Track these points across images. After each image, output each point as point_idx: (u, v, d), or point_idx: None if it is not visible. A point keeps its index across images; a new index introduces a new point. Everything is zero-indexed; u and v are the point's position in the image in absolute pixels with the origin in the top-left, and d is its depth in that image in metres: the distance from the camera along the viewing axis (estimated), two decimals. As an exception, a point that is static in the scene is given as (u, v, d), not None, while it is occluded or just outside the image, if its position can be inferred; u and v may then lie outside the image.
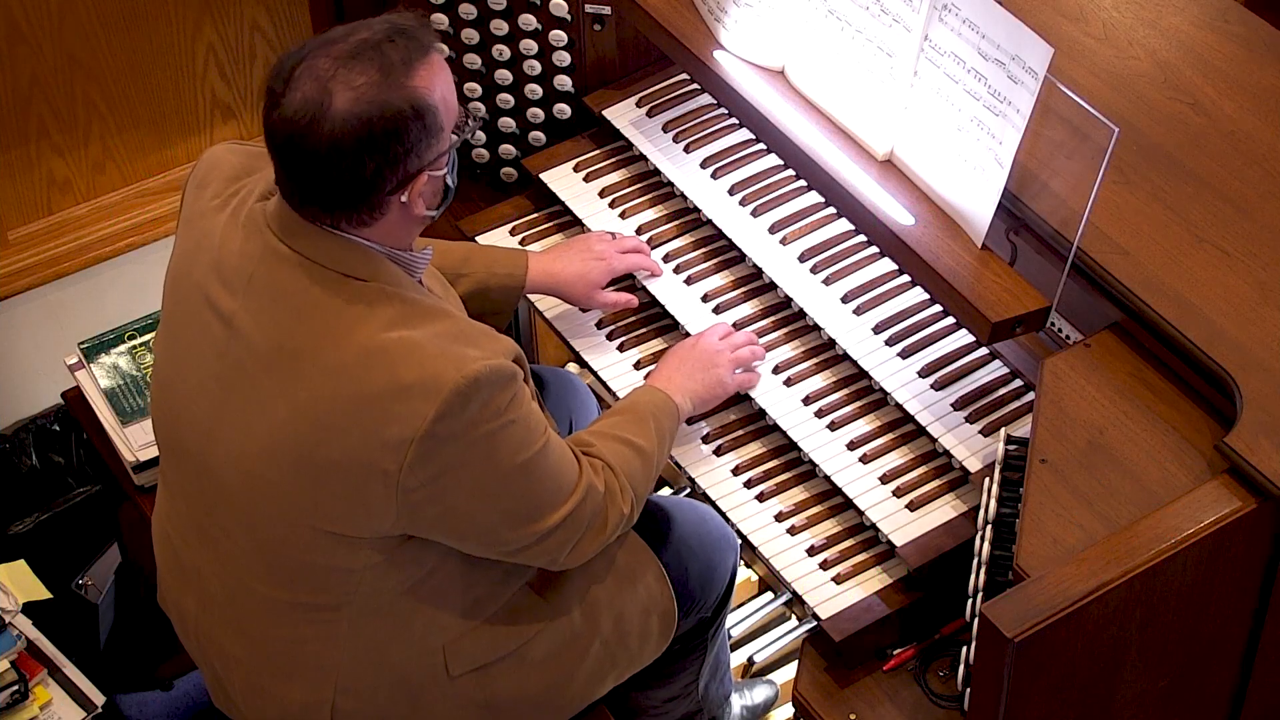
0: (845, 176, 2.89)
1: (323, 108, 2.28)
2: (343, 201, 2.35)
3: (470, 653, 2.60)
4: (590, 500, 2.53)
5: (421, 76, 2.33)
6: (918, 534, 2.73)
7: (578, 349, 3.11)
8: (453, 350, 2.34)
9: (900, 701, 2.68)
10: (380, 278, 2.40)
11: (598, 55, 3.38)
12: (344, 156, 2.30)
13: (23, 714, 3.06)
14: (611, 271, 3.04)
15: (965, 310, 2.70)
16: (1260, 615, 2.48)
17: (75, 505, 3.82)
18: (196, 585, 2.65)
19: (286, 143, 2.32)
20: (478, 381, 2.32)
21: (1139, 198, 2.69)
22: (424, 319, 2.38)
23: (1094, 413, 2.51)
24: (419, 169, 2.36)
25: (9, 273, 3.82)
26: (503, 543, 2.49)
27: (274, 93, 2.32)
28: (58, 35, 3.64)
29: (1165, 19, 2.96)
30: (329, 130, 2.28)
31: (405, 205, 2.38)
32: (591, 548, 2.58)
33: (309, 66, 2.31)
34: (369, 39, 2.32)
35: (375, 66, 2.30)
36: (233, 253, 2.45)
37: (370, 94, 2.28)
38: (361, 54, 2.30)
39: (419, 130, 2.32)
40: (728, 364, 2.88)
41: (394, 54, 2.31)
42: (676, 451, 2.93)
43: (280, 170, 2.37)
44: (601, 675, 2.75)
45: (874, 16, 2.82)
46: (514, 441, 2.40)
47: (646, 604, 2.76)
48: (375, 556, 2.45)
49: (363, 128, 2.28)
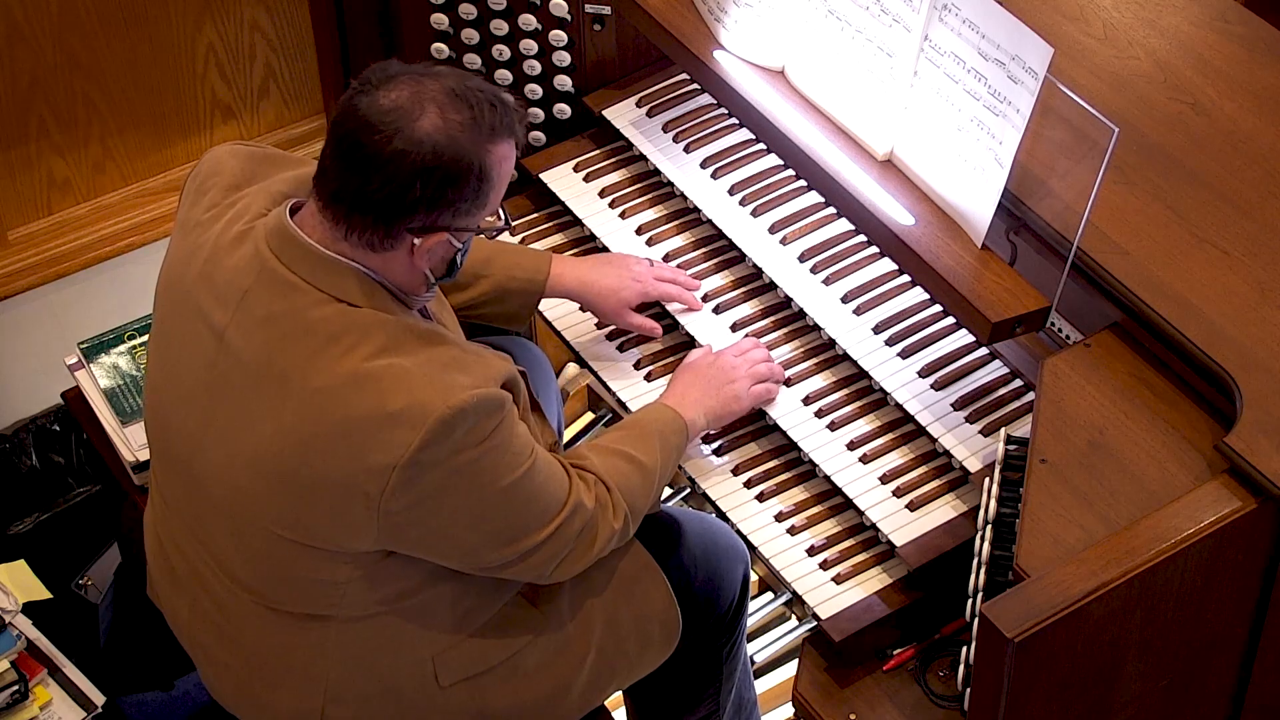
0: (845, 176, 2.89)
1: (410, 119, 2.31)
2: (369, 210, 2.34)
3: (459, 663, 2.59)
4: (578, 516, 2.52)
5: (501, 151, 2.37)
6: (918, 534, 2.73)
7: (578, 349, 3.11)
8: (442, 379, 2.34)
9: (900, 701, 2.68)
10: (374, 304, 2.40)
11: (598, 55, 3.38)
12: (399, 171, 2.31)
13: (23, 714, 3.06)
14: (644, 295, 3.02)
15: (965, 310, 2.70)
16: (1260, 615, 2.48)
17: (75, 505, 3.83)
18: (187, 591, 2.65)
19: (355, 131, 2.33)
20: (464, 412, 2.32)
21: (1139, 198, 2.69)
22: (415, 346, 2.38)
23: (1094, 413, 2.51)
24: (447, 226, 2.38)
25: (9, 273, 3.82)
26: (486, 561, 2.49)
27: (368, 83, 2.35)
28: (57, 35, 3.64)
29: (1165, 19, 2.96)
30: (403, 142, 2.30)
31: (414, 251, 2.38)
32: (580, 563, 2.57)
33: (417, 79, 2.34)
34: (476, 91, 2.36)
35: (471, 116, 2.34)
36: (226, 267, 2.44)
37: (456, 133, 2.32)
38: (466, 98, 2.34)
39: (472, 192, 2.36)
40: (745, 379, 2.86)
41: (490, 117, 2.35)
42: (677, 452, 2.93)
43: (329, 155, 2.37)
44: (600, 684, 2.73)
45: (874, 16, 2.82)
46: (499, 467, 2.39)
47: (644, 609, 2.73)
48: (356, 571, 2.45)
49: (434, 157, 2.31)
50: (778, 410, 2.91)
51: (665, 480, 2.72)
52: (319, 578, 2.46)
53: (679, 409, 2.78)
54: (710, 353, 2.91)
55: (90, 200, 3.89)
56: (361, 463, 2.33)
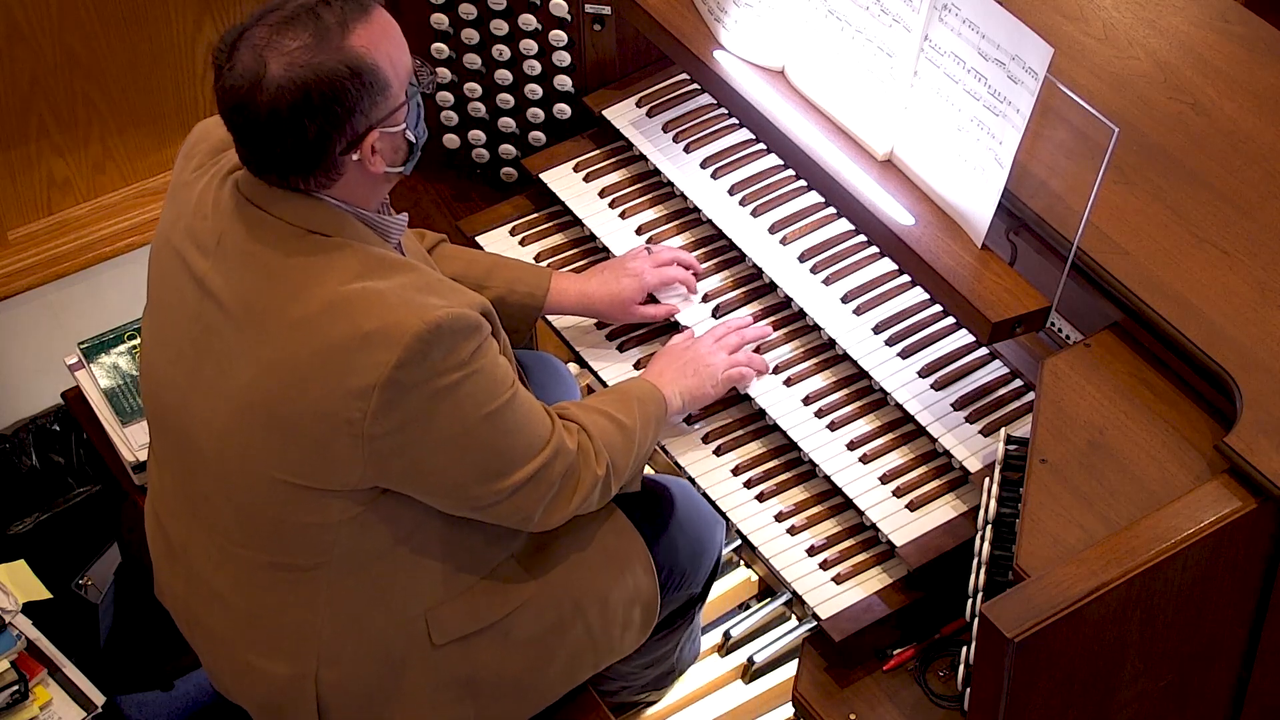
0: (845, 176, 2.89)
1: (258, 76, 2.31)
2: (294, 166, 2.38)
3: (452, 621, 2.61)
4: (561, 458, 2.54)
5: (360, 36, 2.35)
6: (918, 534, 2.73)
7: (578, 349, 3.11)
8: (416, 299, 2.36)
9: (900, 701, 2.68)
10: (346, 234, 2.42)
11: (598, 55, 3.38)
12: (283, 123, 2.33)
13: (23, 714, 3.06)
14: (644, 286, 3.03)
15: (965, 310, 2.70)
16: (1260, 615, 2.48)
17: (75, 505, 3.83)
18: (184, 563, 2.67)
19: (232, 113, 2.36)
20: (440, 328, 2.34)
21: (1139, 198, 2.69)
22: (389, 271, 2.40)
23: (1094, 413, 2.51)
24: (368, 127, 2.38)
25: (9, 273, 3.82)
26: (472, 498, 2.50)
27: (218, 65, 2.37)
28: (58, 35, 3.64)
29: (1165, 19, 2.96)
30: (266, 98, 2.31)
31: (360, 163, 2.40)
32: (567, 509, 2.59)
33: (248, 36, 2.35)
34: (305, 3, 2.35)
35: (309, 31, 2.33)
36: (205, 215, 2.48)
37: (304, 58, 2.31)
38: (296, 19, 2.33)
39: (358, 89, 2.34)
40: (721, 362, 2.88)
41: (330, 16, 2.34)
42: (677, 452, 2.93)
43: (234, 140, 2.41)
44: (580, 663, 2.77)
45: (874, 16, 2.82)
46: (480, 392, 2.41)
47: (632, 594, 2.78)
48: (349, 511, 2.46)
49: (298, 92, 2.31)
50: (778, 410, 2.91)
51: (645, 451, 2.75)
52: (309, 521, 2.47)
53: (656, 384, 2.82)
54: (690, 337, 2.94)
55: (90, 200, 3.89)
56: (342, 387, 2.34)
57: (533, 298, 2.96)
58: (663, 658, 3.07)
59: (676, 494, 2.90)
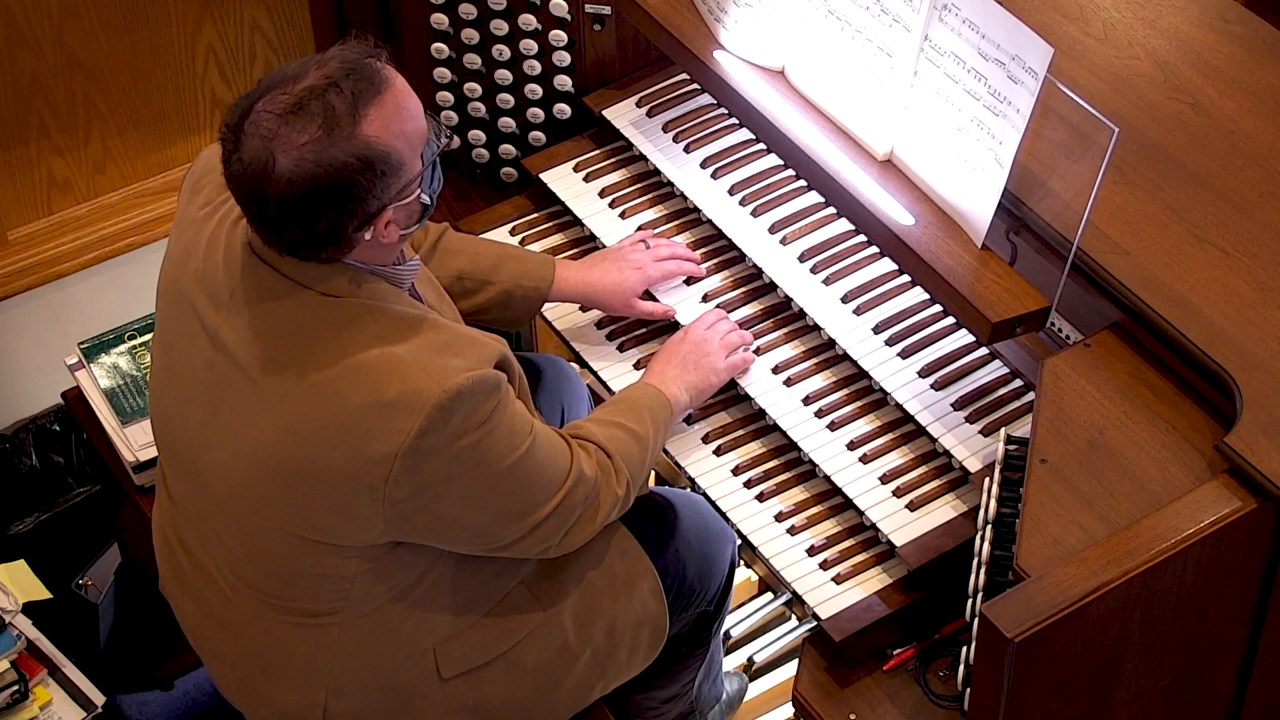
0: (845, 176, 2.89)
1: (267, 169, 2.25)
2: (309, 248, 2.34)
3: (461, 654, 2.60)
4: (582, 486, 2.53)
5: (371, 122, 2.27)
6: (918, 534, 2.73)
7: (578, 349, 3.11)
8: (435, 363, 2.34)
9: (900, 701, 2.68)
10: (362, 294, 2.38)
11: (598, 55, 3.38)
12: (293, 214, 2.28)
13: (23, 714, 3.06)
14: (648, 280, 3.03)
15: (965, 310, 2.70)
16: (1260, 615, 2.48)
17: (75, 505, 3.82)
18: (193, 588, 2.65)
19: (243, 200, 2.32)
20: (460, 394, 2.32)
21: (1139, 198, 2.69)
22: (407, 332, 2.38)
23: (1094, 413, 2.51)
24: (380, 208, 2.33)
25: (9, 273, 3.82)
26: (494, 540, 2.50)
27: (226, 152, 2.31)
28: (58, 35, 3.65)
29: (1165, 19, 2.96)
30: (275, 191, 2.26)
31: (374, 238, 2.36)
32: (586, 532, 2.59)
33: (255, 122, 2.27)
34: (314, 86, 2.27)
35: (318, 123, 2.25)
36: (216, 265, 2.45)
37: (313, 154, 2.25)
38: (305, 108, 2.25)
39: (370, 178, 2.28)
40: (718, 351, 2.88)
41: (340, 104, 2.26)
42: (677, 451, 2.93)
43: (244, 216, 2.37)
44: (589, 685, 2.75)
45: (874, 16, 2.82)
46: (500, 445, 2.40)
47: (640, 616, 2.75)
48: (364, 564, 2.46)
49: (308, 187, 2.25)
50: (778, 410, 2.91)
51: (655, 454, 2.74)
52: (326, 573, 2.46)
53: (661, 387, 2.81)
54: (682, 332, 2.93)
55: (90, 200, 3.89)
56: (363, 453, 2.33)
57: (538, 289, 2.96)
58: (683, 693, 3.00)
59: (685, 510, 2.87)
